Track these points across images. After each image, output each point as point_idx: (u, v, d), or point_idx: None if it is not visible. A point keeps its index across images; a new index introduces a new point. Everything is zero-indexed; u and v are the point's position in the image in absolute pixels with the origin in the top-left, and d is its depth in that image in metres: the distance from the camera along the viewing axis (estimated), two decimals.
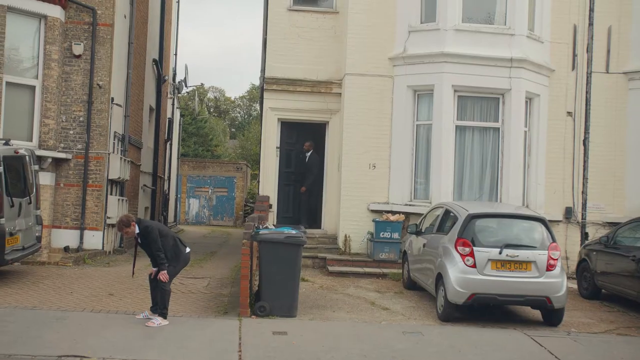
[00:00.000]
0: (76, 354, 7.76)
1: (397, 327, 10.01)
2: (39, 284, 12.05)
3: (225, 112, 76.47)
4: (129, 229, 9.42)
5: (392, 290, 13.20)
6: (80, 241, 15.84)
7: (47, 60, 15.41)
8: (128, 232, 9.44)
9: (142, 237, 9.46)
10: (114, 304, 10.75)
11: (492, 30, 15.78)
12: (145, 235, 9.42)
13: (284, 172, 17.59)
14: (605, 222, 16.25)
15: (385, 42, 16.30)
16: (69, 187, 15.97)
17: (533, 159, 16.15)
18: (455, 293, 10.39)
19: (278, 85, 17.13)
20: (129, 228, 9.41)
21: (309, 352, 8.31)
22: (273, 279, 10.25)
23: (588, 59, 16.52)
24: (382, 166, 16.23)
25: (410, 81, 16.06)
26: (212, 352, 8.19)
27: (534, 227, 11.00)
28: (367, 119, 16.21)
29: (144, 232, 9.42)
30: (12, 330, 8.62)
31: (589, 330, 10.61)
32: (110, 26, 16.28)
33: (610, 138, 16.44)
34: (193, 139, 50.09)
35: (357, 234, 16.02)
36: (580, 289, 13.72)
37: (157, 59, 24.02)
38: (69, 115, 15.99)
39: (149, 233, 9.39)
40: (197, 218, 38.10)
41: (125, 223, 9.44)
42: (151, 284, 9.74)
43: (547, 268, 10.43)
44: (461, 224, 10.84)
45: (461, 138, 15.84)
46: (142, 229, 9.43)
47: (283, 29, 17.17)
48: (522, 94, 15.68)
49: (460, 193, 15.80)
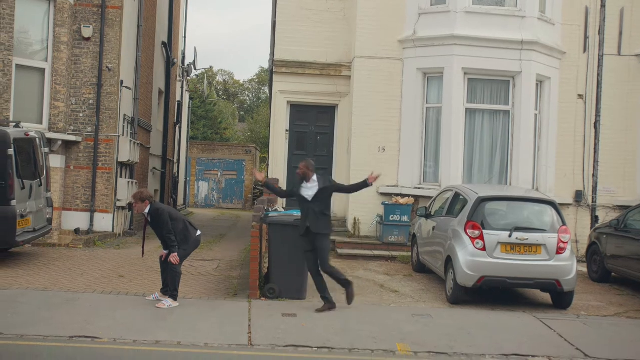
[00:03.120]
0: (87, 335, 7.83)
1: (406, 310, 10.03)
2: (50, 266, 12.13)
3: (234, 95, 76.38)
4: (141, 205, 9.45)
5: (401, 273, 13.22)
6: (91, 223, 15.92)
7: (57, 43, 15.41)
8: (138, 207, 9.48)
9: (152, 219, 9.50)
10: (124, 286, 10.81)
11: (502, 12, 15.66)
12: (155, 218, 9.45)
13: (293, 154, 17.58)
14: (615, 206, 16.18)
15: (395, 24, 16.20)
16: (79, 169, 16.02)
17: (543, 142, 16.07)
18: (464, 276, 10.39)
19: (287, 68, 17.08)
20: (141, 204, 9.45)
21: (318, 334, 8.35)
22: (282, 261, 10.28)
23: (600, 41, 16.37)
24: (392, 149, 16.19)
25: (420, 64, 15.98)
26: (222, 333, 8.24)
27: (544, 210, 10.96)
28: (377, 101, 16.15)
29: (154, 213, 9.45)
30: (24, 312, 8.70)
31: (599, 313, 10.60)
32: (120, 8, 16.25)
33: (621, 121, 16.32)
34: (202, 122, 50.08)
35: (366, 217, 16.02)
36: (590, 272, 13.70)
37: (166, 41, 23.98)
38: (78, 98, 16.01)
39: (159, 215, 9.43)
40: (207, 201, 38.18)
41: (139, 197, 9.48)
42: (162, 266, 9.79)
43: (557, 251, 10.41)
44: (471, 207, 10.81)
45: (471, 121, 15.78)
46: (153, 211, 9.46)
47: (292, 12, 17.10)
48: (532, 76, 15.57)
49: (470, 176, 15.75)
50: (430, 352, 7.93)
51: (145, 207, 9.46)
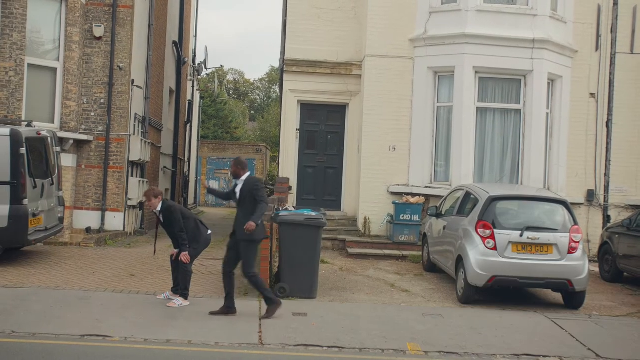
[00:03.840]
0: (99, 334, 7.86)
1: (416, 309, 10.02)
2: (61, 265, 12.19)
3: (245, 94, 76.47)
4: (153, 201, 9.53)
5: (411, 273, 13.19)
6: (102, 222, 15.98)
7: (68, 42, 15.47)
8: (151, 203, 9.55)
9: (164, 217, 9.54)
10: (135, 285, 10.85)
11: (514, 11, 15.59)
12: (167, 216, 9.49)
13: (303, 153, 17.58)
14: (627, 205, 16.07)
15: (406, 23, 16.16)
16: (90, 168, 16.09)
17: (555, 141, 15.99)
18: (475, 275, 10.36)
19: (298, 67, 17.08)
20: (154, 199, 9.53)
21: (328, 333, 8.34)
22: (293, 260, 10.29)
23: (612, 39, 16.27)
24: (402, 148, 16.15)
25: (431, 62, 15.94)
26: (232, 332, 8.25)
27: (556, 210, 10.92)
28: (387, 100, 16.13)
29: (166, 211, 9.49)
30: (36, 310, 8.74)
31: (611, 313, 10.54)
32: (131, 8, 16.29)
33: (634, 120, 16.20)
34: (213, 121, 50.13)
35: (377, 216, 15.99)
36: (602, 272, 13.63)
37: (177, 40, 24.01)
38: (90, 97, 16.07)
39: (171, 213, 9.47)
40: (217, 200, 38.19)
41: (152, 194, 9.58)
42: (173, 265, 9.82)
43: (568, 251, 10.36)
44: (482, 206, 10.78)
45: (482, 120, 15.72)
46: (165, 208, 9.51)
47: (303, 11, 17.10)
48: (544, 75, 15.50)
49: (481, 175, 15.70)
50: (441, 351, 7.91)
51: (158, 204, 9.52)
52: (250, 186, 9.05)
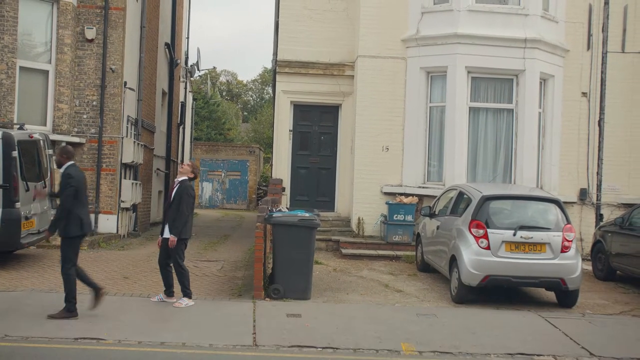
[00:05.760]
0: (92, 337, 7.84)
1: (410, 309, 10.02)
2: (54, 268, 12.10)
3: (238, 95, 76.38)
4: (187, 169, 9.96)
5: (405, 273, 13.20)
6: (95, 225, 15.92)
7: (60, 45, 15.43)
8: (185, 168, 9.99)
9: (179, 189, 9.71)
10: (129, 287, 10.83)
11: (505, 11, 15.63)
12: (183, 189, 9.68)
13: (297, 154, 17.57)
14: (620, 204, 16.12)
15: (398, 23, 16.18)
16: (83, 171, 15.95)
17: (547, 140, 16.04)
18: (469, 275, 10.37)
19: (290, 68, 17.08)
20: (192, 172, 9.96)
21: (323, 334, 8.34)
22: (287, 261, 10.28)
23: (603, 38, 16.32)
24: (395, 148, 16.17)
25: (423, 63, 15.96)
26: (226, 334, 8.24)
27: (549, 209, 10.95)
28: (380, 101, 16.14)
29: (185, 183, 9.74)
30: (30, 313, 8.71)
31: (604, 311, 10.58)
32: (122, 10, 16.26)
33: (625, 119, 16.26)
34: (206, 122, 50.07)
35: (371, 216, 16.00)
36: (595, 270, 13.67)
37: (170, 42, 23.97)
38: (82, 100, 16.03)
39: (186, 187, 9.71)
40: (211, 201, 38.19)
41: (192, 166, 10.09)
42: (160, 263, 9.77)
43: (561, 250, 10.40)
44: (475, 205, 10.80)
45: (475, 120, 15.76)
46: (186, 185, 9.75)
47: (295, 11, 17.09)
48: (536, 74, 15.54)
49: (474, 175, 15.73)
50: (435, 351, 7.92)
51: (189, 171, 9.92)
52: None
